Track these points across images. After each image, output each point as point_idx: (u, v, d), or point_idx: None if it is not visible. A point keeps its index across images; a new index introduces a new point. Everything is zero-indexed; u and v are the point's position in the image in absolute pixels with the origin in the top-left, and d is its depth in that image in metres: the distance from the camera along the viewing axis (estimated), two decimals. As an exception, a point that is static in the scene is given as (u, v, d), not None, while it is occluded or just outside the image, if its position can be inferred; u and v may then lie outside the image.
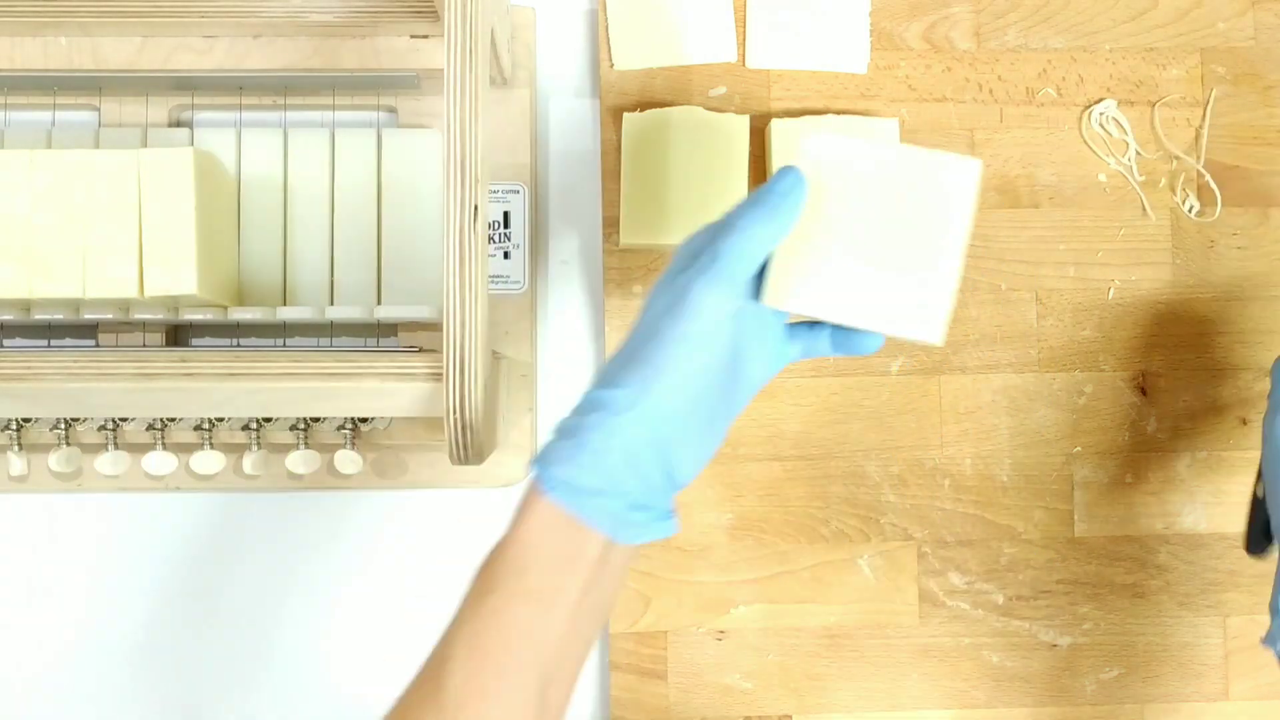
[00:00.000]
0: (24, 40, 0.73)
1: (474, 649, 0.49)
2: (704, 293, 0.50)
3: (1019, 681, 0.76)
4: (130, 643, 0.76)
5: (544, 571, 0.49)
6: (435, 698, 0.49)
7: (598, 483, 0.49)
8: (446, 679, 0.49)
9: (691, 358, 0.50)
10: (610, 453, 0.49)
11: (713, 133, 0.74)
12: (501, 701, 0.48)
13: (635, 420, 0.49)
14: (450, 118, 0.59)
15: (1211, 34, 0.78)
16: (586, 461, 0.49)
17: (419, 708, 0.49)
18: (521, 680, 0.49)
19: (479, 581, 0.51)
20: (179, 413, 0.68)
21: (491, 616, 0.49)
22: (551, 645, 0.49)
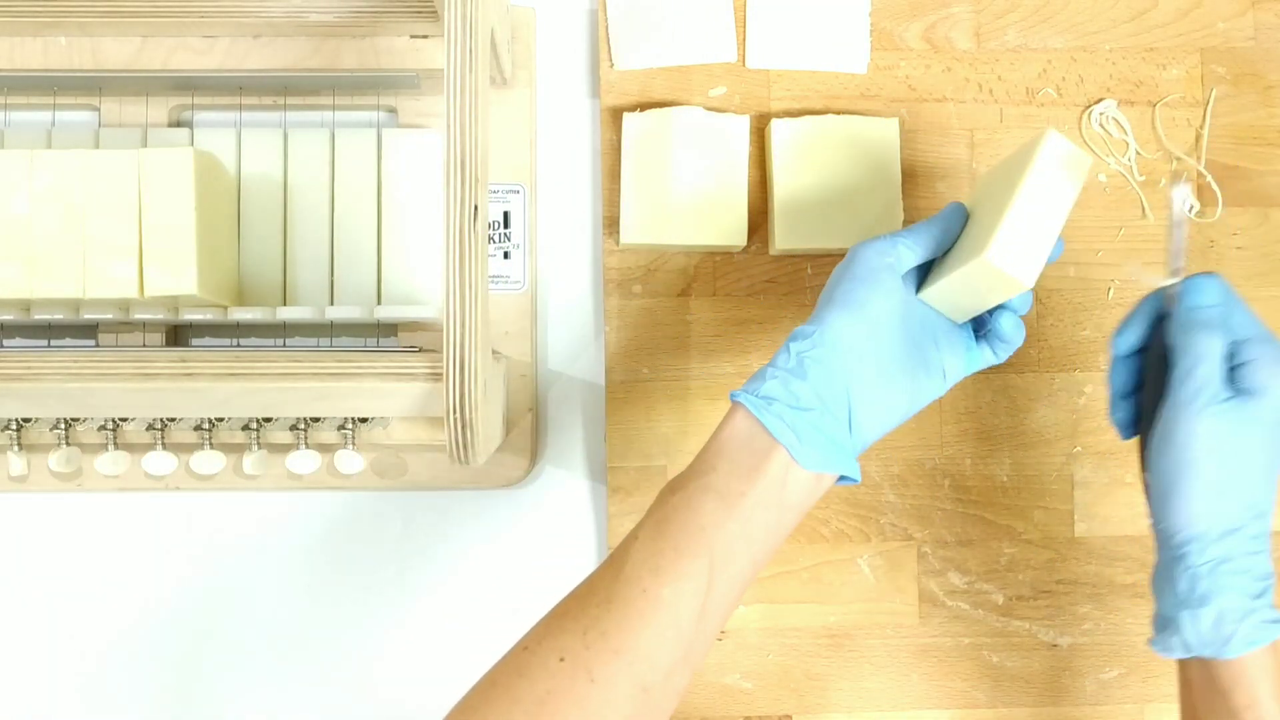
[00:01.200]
0: (24, 40, 0.73)
1: (656, 533, 0.54)
2: (863, 247, 0.59)
3: (1019, 681, 0.76)
4: (130, 642, 0.76)
5: (729, 473, 0.55)
6: (615, 571, 0.54)
7: (779, 393, 0.56)
8: (629, 556, 0.54)
9: (857, 293, 0.57)
10: (793, 371, 0.56)
11: (712, 133, 0.74)
12: (672, 580, 0.53)
13: (815, 345, 0.56)
14: (450, 118, 0.59)
15: (1211, 34, 0.78)
16: (771, 376, 0.56)
17: (600, 578, 0.55)
18: (693, 566, 0.53)
19: (671, 483, 0.56)
20: (179, 413, 0.68)
21: (676, 507, 0.55)
22: (723, 541, 0.54)
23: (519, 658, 0.54)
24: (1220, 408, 0.56)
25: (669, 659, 0.53)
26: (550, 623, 0.55)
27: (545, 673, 0.52)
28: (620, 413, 0.75)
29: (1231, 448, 0.56)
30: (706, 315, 0.76)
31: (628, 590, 0.53)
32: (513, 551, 0.77)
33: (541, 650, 0.53)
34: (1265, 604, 0.56)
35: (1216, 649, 0.56)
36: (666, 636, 0.53)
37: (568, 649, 0.53)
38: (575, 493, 0.77)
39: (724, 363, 0.76)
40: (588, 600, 0.54)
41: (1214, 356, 0.56)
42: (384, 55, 0.73)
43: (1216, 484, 0.56)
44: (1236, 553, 0.56)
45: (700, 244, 0.74)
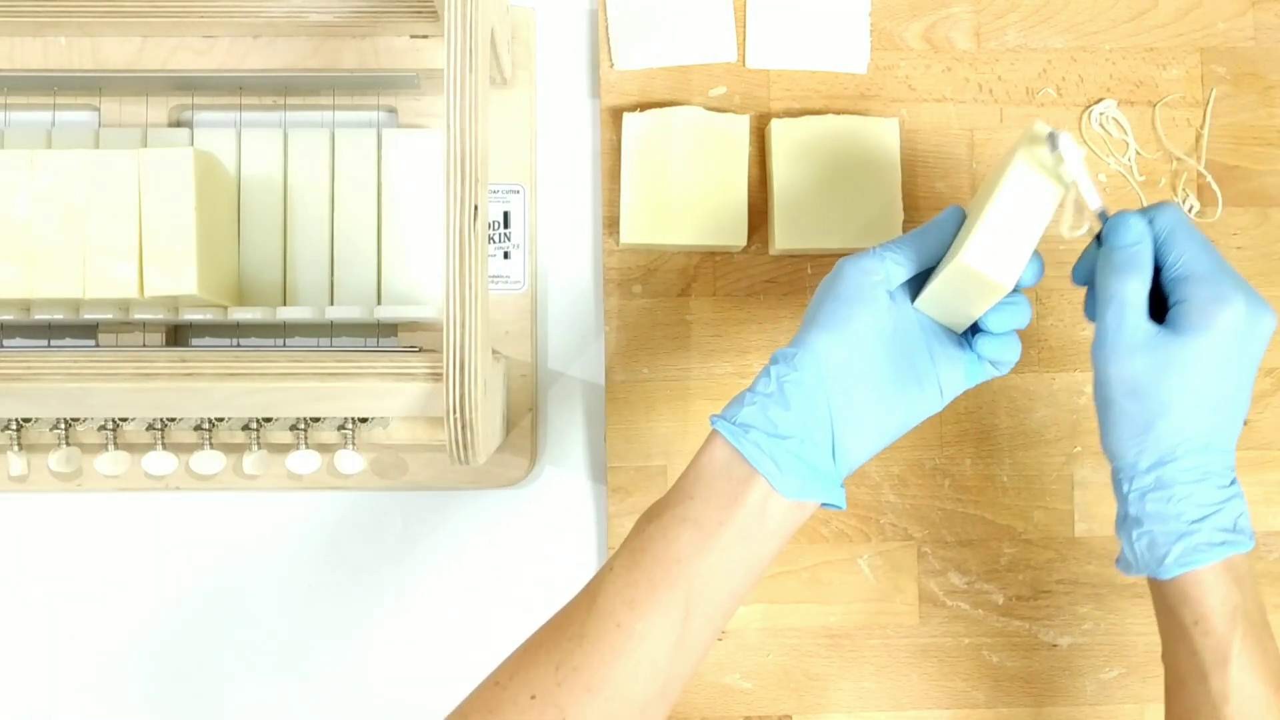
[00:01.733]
0: (24, 40, 0.73)
1: (632, 564, 0.53)
2: (849, 264, 0.57)
3: (1019, 681, 0.76)
4: (130, 642, 0.76)
5: (706, 501, 0.54)
6: (590, 603, 0.53)
7: (757, 421, 0.54)
8: (604, 587, 0.53)
9: (840, 313, 0.56)
10: (772, 396, 0.54)
11: (713, 133, 0.74)
12: (646, 614, 0.52)
13: (796, 368, 0.55)
14: (450, 118, 0.59)
15: (1211, 34, 0.78)
16: (749, 401, 0.55)
17: (575, 609, 0.54)
18: (668, 599, 0.52)
19: (648, 511, 0.55)
20: (179, 413, 0.68)
21: (652, 537, 0.54)
22: (701, 573, 0.53)
23: (489, 694, 0.53)
24: (1137, 347, 0.56)
25: (644, 695, 0.52)
26: (522, 656, 0.53)
27: (515, 710, 0.51)
28: (620, 413, 0.75)
29: (1151, 386, 0.56)
30: (706, 315, 0.76)
31: (601, 624, 0.52)
32: (513, 551, 0.77)
33: (513, 686, 0.52)
34: (1208, 528, 0.56)
35: (1153, 569, 0.57)
36: (641, 672, 0.52)
37: (539, 685, 0.51)
38: (575, 493, 0.77)
39: (724, 363, 0.76)
40: (561, 634, 0.53)
41: (1124, 300, 0.56)
42: (384, 55, 0.73)
43: (1136, 420, 0.56)
44: (1173, 481, 0.56)
45: (700, 244, 0.74)
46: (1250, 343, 0.56)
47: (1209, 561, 0.56)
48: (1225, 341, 0.55)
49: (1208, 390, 0.56)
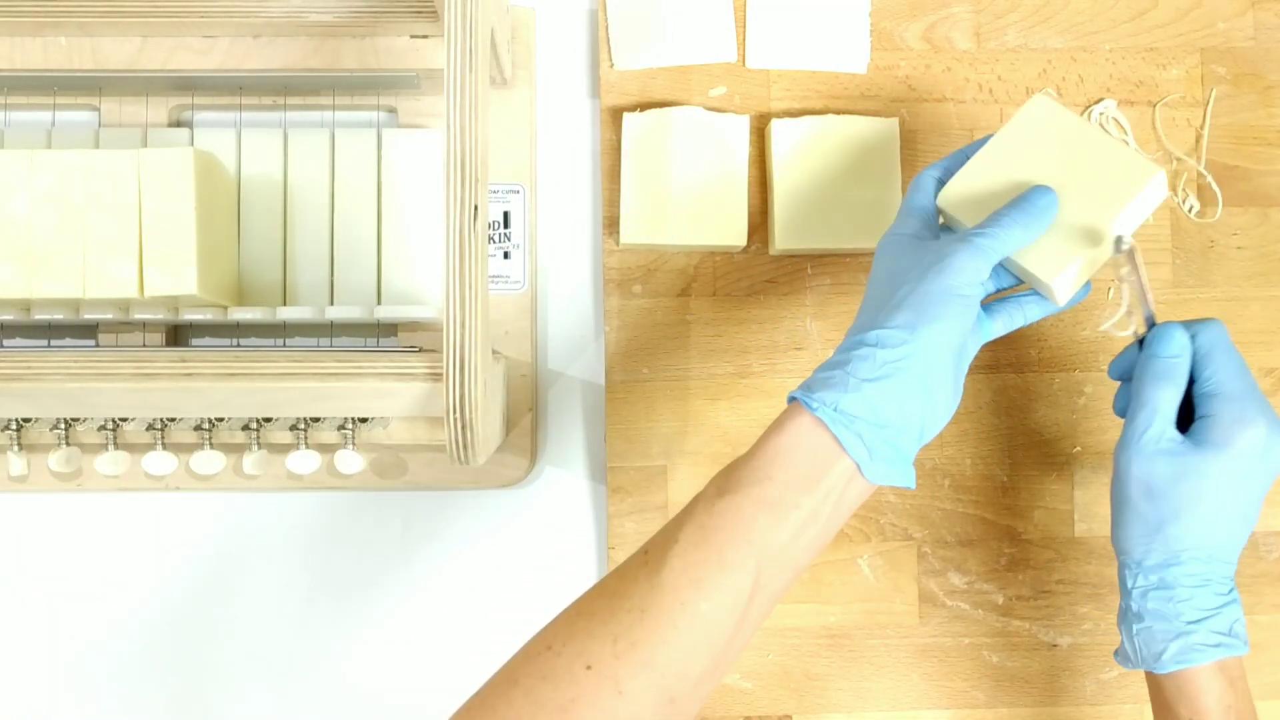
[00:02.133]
0: (24, 40, 0.73)
1: (701, 541, 0.52)
2: (969, 259, 0.56)
3: (1019, 681, 0.76)
4: (130, 643, 0.76)
5: (786, 484, 0.53)
6: (652, 577, 0.52)
7: (862, 410, 0.53)
8: (668, 561, 0.52)
9: (953, 309, 0.55)
10: (878, 384, 0.53)
11: (713, 133, 0.74)
12: (713, 595, 0.51)
13: (905, 356, 0.54)
14: (450, 118, 0.59)
15: (1211, 34, 0.78)
16: (854, 388, 0.53)
17: (635, 581, 0.52)
18: (736, 580, 0.52)
19: (717, 482, 0.54)
20: (179, 413, 0.68)
21: (724, 514, 0.52)
22: (770, 557, 0.52)
23: (543, 660, 0.52)
24: (1160, 454, 0.59)
25: (699, 670, 0.52)
26: (577, 623, 0.53)
27: (570, 679, 0.51)
28: (620, 413, 0.75)
29: (1167, 491, 0.59)
30: (706, 315, 0.76)
31: (665, 601, 0.51)
32: (513, 551, 0.77)
33: (567, 654, 0.51)
34: (1205, 629, 0.59)
35: (1150, 664, 0.60)
36: (700, 650, 0.52)
37: (596, 657, 0.51)
38: (575, 493, 0.77)
39: (724, 363, 0.76)
40: (619, 604, 0.52)
41: (1156, 407, 0.60)
42: (384, 55, 0.74)
43: (1149, 520, 0.60)
44: (1175, 583, 0.59)
45: (700, 244, 0.74)
46: (1266, 465, 0.59)
47: (1204, 661, 0.59)
48: (1243, 461, 0.59)
49: (1220, 503, 0.59)
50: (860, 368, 0.54)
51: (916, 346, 0.54)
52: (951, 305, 0.55)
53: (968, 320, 0.56)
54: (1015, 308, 0.61)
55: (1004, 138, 0.62)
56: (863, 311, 0.58)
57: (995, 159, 0.61)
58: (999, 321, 0.61)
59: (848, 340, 0.56)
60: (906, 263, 0.57)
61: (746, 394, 0.76)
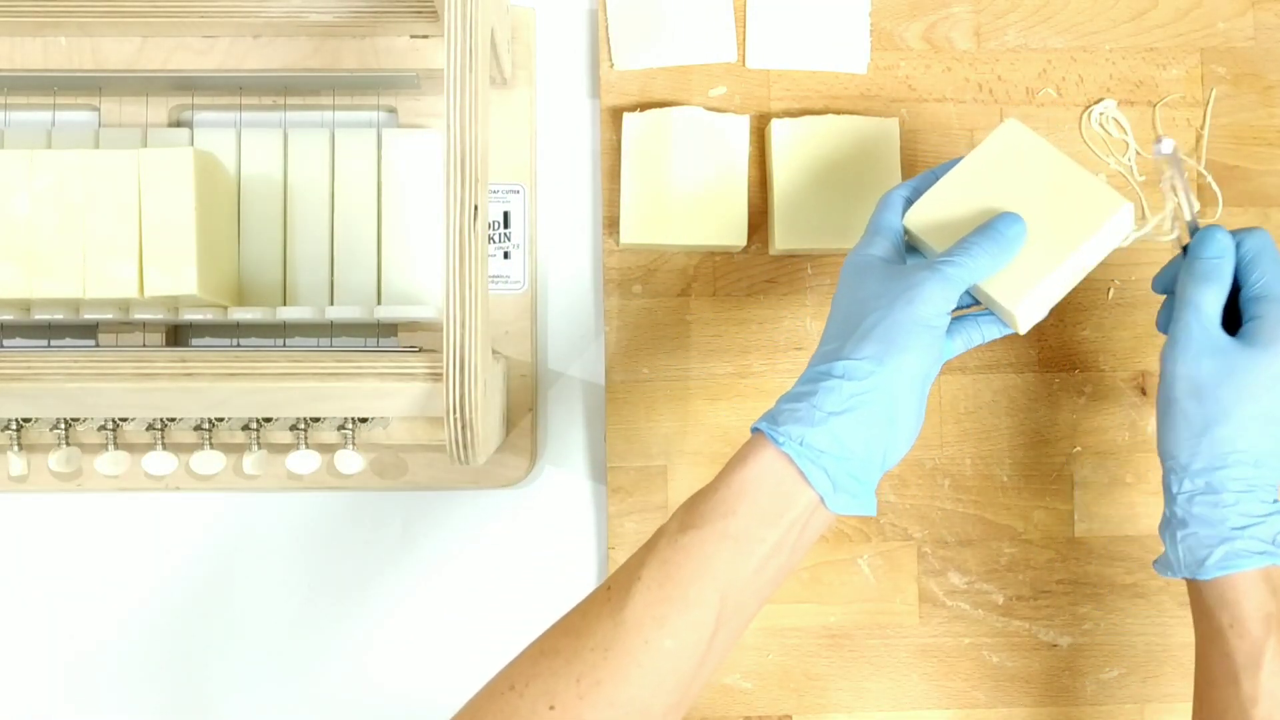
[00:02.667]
0: (24, 40, 0.73)
1: (664, 578, 0.52)
2: (938, 288, 0.56)
3: (1019, 681, 0.76)
4: (131, 643, 0.76)
5: (750, 518, 0.52)
6: (615, 614, 0.51)
7: (828, 444, 0.53)
8: (631, 599, 0.51)
9: (922, 340, 0.55)
10: (844, 417, 0.53)
11: (713, 133, 0.74)
12: (677, 632, 0.51)
13: (872, 389, 0.54)
14: (450, 118, 0.59)
15: (1211, 34, 0.78)
16: (820, 421, 0.53)
17: (598, 619, 0.52)
18: (700, 616, 0.51)
19: (680, 516, 0.53)
20: (179, 413, 0.68)
21: (688, 550, 0.52)
22: (735, 591, 0.52)
23: (506, 700, 0.51)
24: (1206, 351, 0.58)
25: (664, 705, 0.52)
26: (539, 662, 0.52)
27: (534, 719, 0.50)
28: (620, 413, 0.75)
29: (1214, 390, 0.58)
30: (706, 315, 0.76)
31: (629, 640, 0.51)
32: (513, 551, 0.77)
33: (530, 694, 0.51)
34: (1249, 536, 0.58)
35: (1193, 570, 0.59)
36: (665, 685, 0.51)
37: (559, 697, 0.50)
38: (575, 493, 0.77)
39: (724, 363, 0.76)
40: (582, 643, 0.51)
41: (1199, 305, 0.59)
42: (384, 55, 0.74)
43: (1194, 422, 0.59)
44: (1221, 487, 0.58)
45: (700, 244, 0.74)
46: None
47: (1248, 568, 0.58)
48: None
49: (1270, 405, 0.58)
50: (826, 400, 0.54)
51: (884, 378, 0.54)
52: (920, 336, 0.55)
53: (935, 349, 0.56)
54: (974, 327, 0.62)
55: (973, 161, 0.62)
56: (827, 337, 0.57)
57: (964, 182, 0.61)
58: (958, 341, 0.61)
59: (812, 369, 0.56)
60: (874, 288, 0.57)
61: (746, 394, 0.76)
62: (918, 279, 0.56)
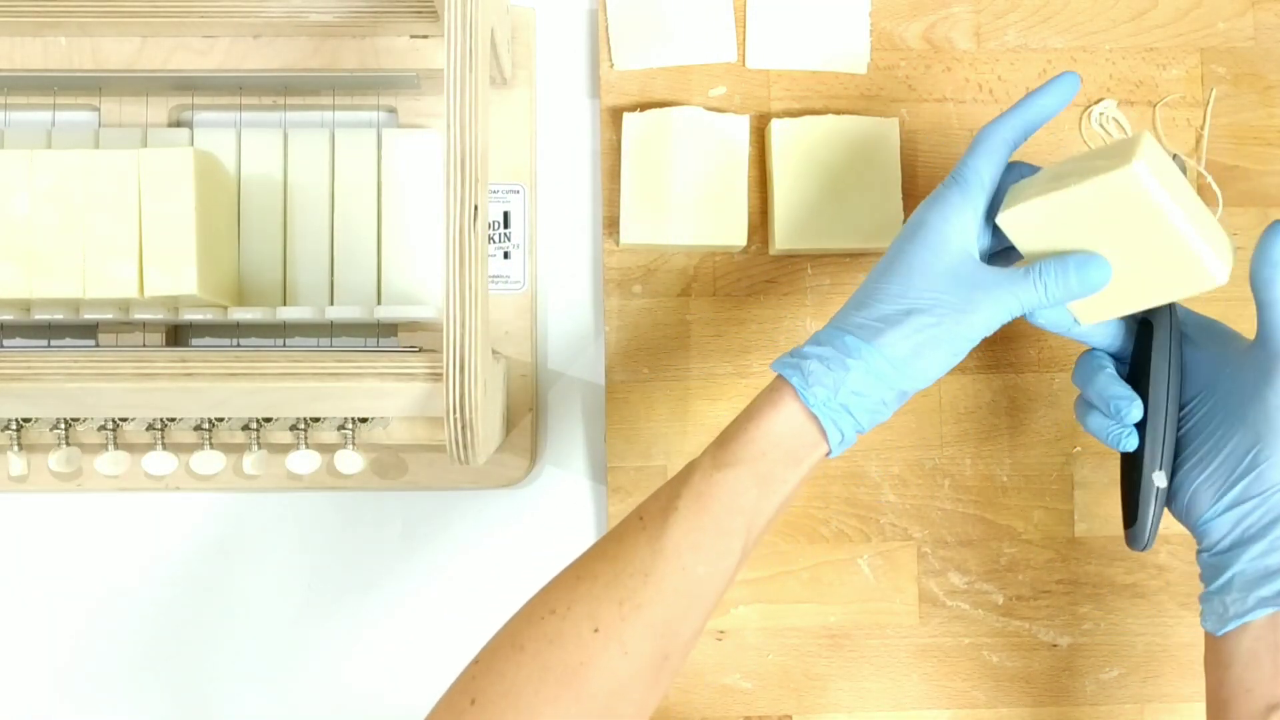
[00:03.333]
0: (24, 40, 0.73)
1: (700, 509, 0.55)
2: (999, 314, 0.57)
3: (1019, 681, 0.76)
4: (130, 643, 0.76)
5: (777, 462, 0.56)
6: (654, 542, 0.55)
7: (851, 404, 0.56)
8: (668, 528, 0.55)
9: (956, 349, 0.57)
10: (862, 397, 0.56)
11: (713, 133, 0.74)
12: (710, 560, 0.55)
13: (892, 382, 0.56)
14: (450, 118, 0.59)
15: (1211, 34, 0.78)
16: (845, 397, 0.56)
17: (634, 546, 0.55)
18: (730, 545, 0.55)
19: (713, 453, 0.57)
20: (179, 413, 0.68)
21: (721, 485, 0.55)
22: (757, 526, 0.56)
23: (548, 624, 0.53)
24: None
25: (691, 630, 0.55)
26: (578, 587, 0.54)
27: (579, 643, 0.53)
28: (620, 413, 0.75)
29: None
30: (706, 315, 0.76)
31: (667, 566, 0.54)
32: (513, 551, 0.77)
33: (573, 617, 0.53)
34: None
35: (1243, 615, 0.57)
36: (694, 610, 0.54)
37: (602, 619, 0.53)
38: (575, 493, 0.77)
39: (724, 363, 0.76)
40: (621, 568, 0.54)
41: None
42: (384, 55, 0.74)
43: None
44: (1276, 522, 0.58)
45: (700, 244, 0.74)
46: None
47: None
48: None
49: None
50: (850, 378, 0.56)
51: (903, 378, 0.57)
52: (957, 346, 0.57)
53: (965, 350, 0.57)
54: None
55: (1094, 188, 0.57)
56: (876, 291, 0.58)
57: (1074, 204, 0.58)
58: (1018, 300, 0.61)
59: (848, 332, 0.57)
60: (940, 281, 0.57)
61: (746, 394, 0.75)
62: (985, 302, 0.57)
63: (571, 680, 0.52)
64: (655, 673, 0.54)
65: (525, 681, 0.52)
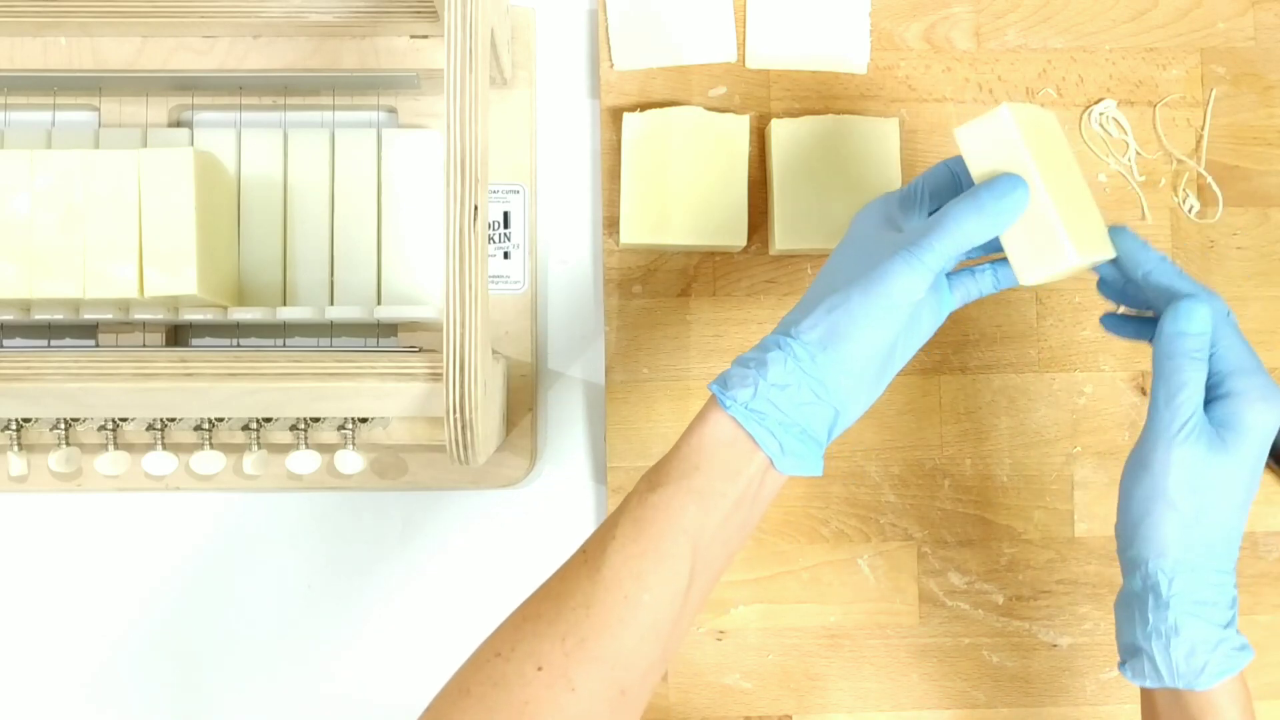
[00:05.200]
0: (24, 40, 0.73)
1: (637, 534, 0.53)
2: (905, 273, 0.54)
3: (1019, 681, 0.76)
4: (130, 643, 0.76)
5: (711, 475, 0.54)
6: (593, 574, 0.53)
7: (772, 412, 0.54)
8: (607, 558, 0.53)
9: (878, 324, 0.55)
10: (786, 390, 0.54)
11: (713, 133, 0.74)
12: (653, 585, 0.53)
13: (809, 373, 0.54)
14: (450, 118, 0.59)
15: (1211, 34, 0.78)
16: (764, 392, 0.54)
17: (576, 580, 0.53)
18: (674, 570, 0.53)
19: (648, 477, 0.55)
20: (179, 413, 0.68)
21: (657, 507, 0.54)
22: (703, 544, 0.54)
23: (493, 666, 0.52)
24: (1198, 439, 0.55)
25: (647, 661, 0.53)
26: (523, 627, 0.53)
27: (522, 682, 0.51)
28: (620, 413, 0.75)
29: (1207, 480, 0.55)
30: (706, 315, 0.76)
31: (608, 596, 0.52)
32: (513, 551, 0.77)
33: (516, 658, 0.52)
34: (1233, 632, 0.56)
35: (1189, 680, 0.56)
36: (646, 640, 0.52)
37: (545, 657, 0.51)
38: (575, 493, 0.77)
39: (724, 363, 0.76)
40: (563, 604, 0.53)
41: (1197, 386, 0.56)
42: (384, 55, 0.73)
43: (1190, 515, 0.56)
44: (1205, 583, 0.56)
45: (700, 244, 0.74)
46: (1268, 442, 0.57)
47: (1240, 668, 0.56)
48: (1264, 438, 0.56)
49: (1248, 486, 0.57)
50: (770, 372, 0.54)
51: (823, 366, 0.54)
52: (878, 320, 0.54)
53: (899, 326, 0.55)
54: (971, 282, 0.60)
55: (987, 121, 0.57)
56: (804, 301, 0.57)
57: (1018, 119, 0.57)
58: (957, 295, 0.60)
59: (772, 334, 0.56)
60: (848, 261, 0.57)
61: (746, 394, 0.76)
62: (885, 264, 0.54)
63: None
64: (611, 709, 0.52)
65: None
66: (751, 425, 0.54)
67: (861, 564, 0.76)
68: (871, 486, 0.76)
